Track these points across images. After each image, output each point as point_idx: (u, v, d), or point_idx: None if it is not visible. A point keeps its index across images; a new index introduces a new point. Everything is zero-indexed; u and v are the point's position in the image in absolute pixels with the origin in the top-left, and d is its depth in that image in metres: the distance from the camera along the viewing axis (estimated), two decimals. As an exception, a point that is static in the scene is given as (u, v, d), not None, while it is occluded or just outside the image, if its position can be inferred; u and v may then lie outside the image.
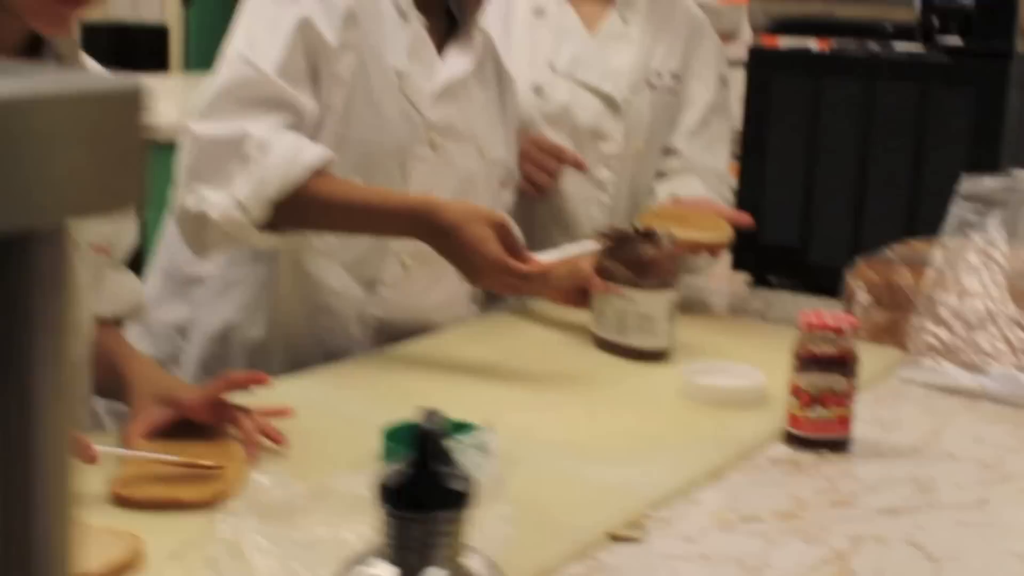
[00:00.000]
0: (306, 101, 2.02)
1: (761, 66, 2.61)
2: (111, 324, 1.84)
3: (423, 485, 0.84)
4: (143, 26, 7.96)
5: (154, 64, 6.52)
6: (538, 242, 2.59)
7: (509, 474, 1.50)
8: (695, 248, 2.28)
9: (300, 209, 1.96)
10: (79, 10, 1.50)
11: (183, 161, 1.99)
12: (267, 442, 1.58)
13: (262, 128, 1.96)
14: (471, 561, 0.86)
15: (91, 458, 1.41)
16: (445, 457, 0.85)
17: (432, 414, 0.84)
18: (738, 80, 2.68)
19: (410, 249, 2.15)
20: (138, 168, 0.53)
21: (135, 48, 6.82)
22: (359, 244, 2.16)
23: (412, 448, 0.84)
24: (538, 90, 2.57)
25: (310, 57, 2.03)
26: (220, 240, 2.00)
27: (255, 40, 2.02)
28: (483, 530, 1.14)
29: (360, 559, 0.85)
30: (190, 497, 1.42)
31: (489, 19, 2.47)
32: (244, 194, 1.93)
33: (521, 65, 2.56)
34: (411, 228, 1.96)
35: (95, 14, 1.74)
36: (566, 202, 2.57)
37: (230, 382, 1.59)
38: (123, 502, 1.43)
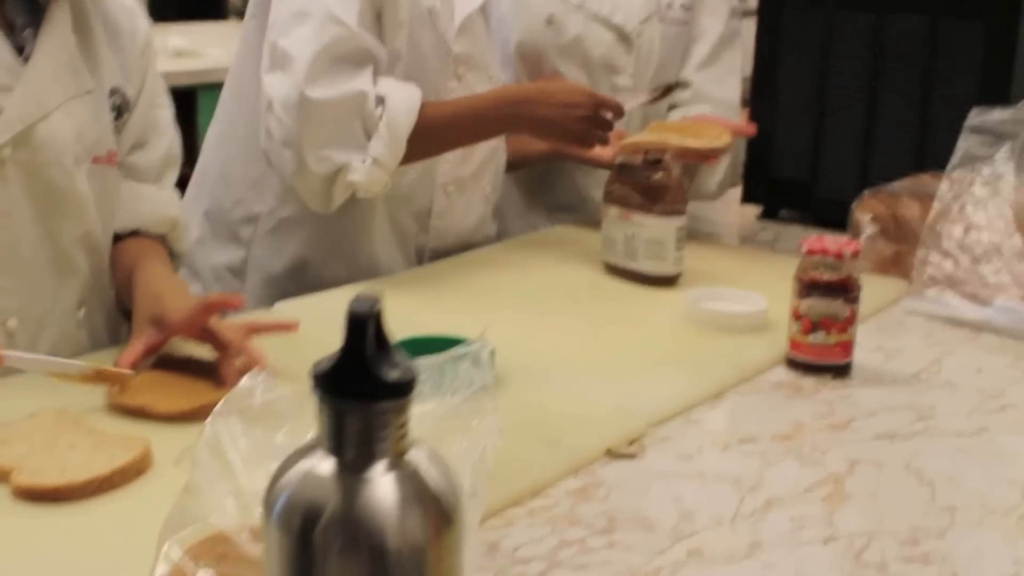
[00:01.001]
0: (381, 49, 2.07)
1: (773, 0, 2.61)
2: (152, 239, 1.87)
3: (358, 373, 0.79)
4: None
5: (212, 13, 6.75)
6: (555, 171, 2.61)
7: (506, 390, 1.53)
8: (687, 155, 2.26)
9: (424, 142, 2.06)
10: None
11: (301, 127, 1.99)
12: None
13: (368, 83, 2.01)
14: (417, 455, 0.82)
15: None
16: (383, 344, 0.80)
17: (365, 296, 0.79)
18: (751, 30, 2.68)
19: (452, 177, 2.28)
20: None
21: (195, -1, 7.01)
22: (410, 180, 2.23)
23: (347, 333, 0.79)
24: (551, 21, 2.57)
25: (375, 6, 2.07)
26: (347, 194, 2.05)
27: None
28: (472, 440, 1.16)
29: (303, 452, 0.83)
30: (163, 408, 1.47)
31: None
32: (380, 151, 2.00)
33: (533, -3, 2.57)
34: (510, 124, 2.19)
35: None
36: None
37: (209, 306, 1.59)
38: (115, 408, 1.49)
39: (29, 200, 1.62)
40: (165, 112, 1.91)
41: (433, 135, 2.08)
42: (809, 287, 1.70)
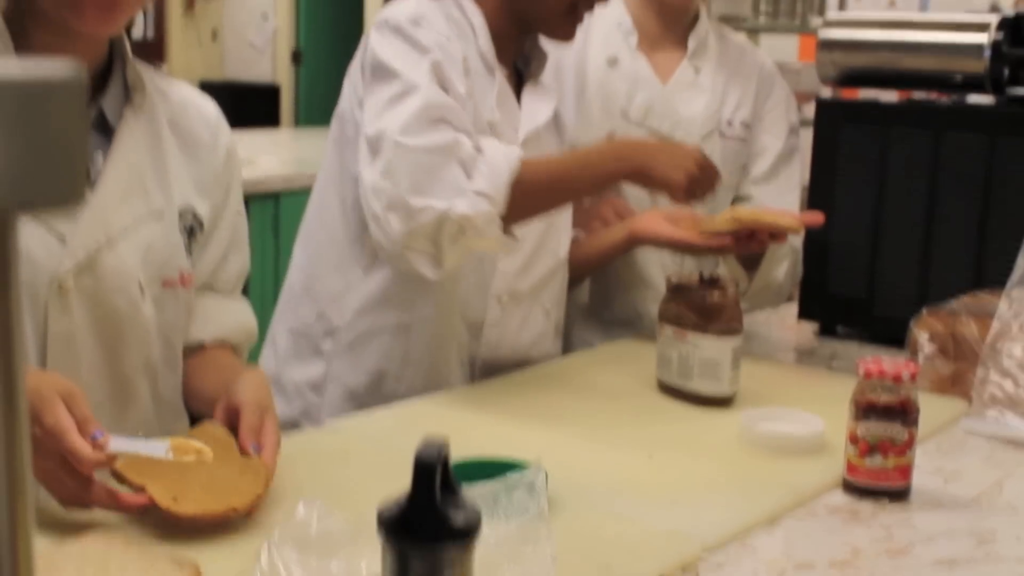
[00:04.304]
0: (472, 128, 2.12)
1: (829, 117, 2.61)
2: (226, 347, 1.88)
3: (422, 517, 0.79)
4: (256, 85, 8.10)
5: (267, 121, 6.79)
6: (612, 285, 2.62)
7: (560, 514, 1.51)
8: (761, 229, 2.27)
9: (528, 192, 2.06)
10: (124, 3, 1.55)
11: (400, 180, 2.01)
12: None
13: (464, 136, 2.04)
14: None
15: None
16: (449, 488, 0.81)
17: (432, 442, 0.80)
18: (808, 138, 2.69)
19: (506, 288, 2.29)
20: (79, 160, 0.52)
21: (249, 106, 7.07)
22: (466, 287, 2.26)
23: (415, 478, 0.80)
24: (612, 138, 2.59)
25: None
26: (458, 245, 2.03)
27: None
28: (526, 568, 1.16)
29: None
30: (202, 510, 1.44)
31: (564, 68, 2.51)
32: (482, 186, 2.01)
33: (595, 113, 2.59)
34: (616, 166, 2.16)
35: (212, 74, 1.81)
36: (638, 249, 2.58)
37: (254, 429, 1.55)
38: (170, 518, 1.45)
39: (92, 328, 1.61)
40: (245, 224, 1.92)
41: (537, 182, 2.08)
42: (866, 410, 1.69)
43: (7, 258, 0.52)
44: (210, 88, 6.74)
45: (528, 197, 2.06)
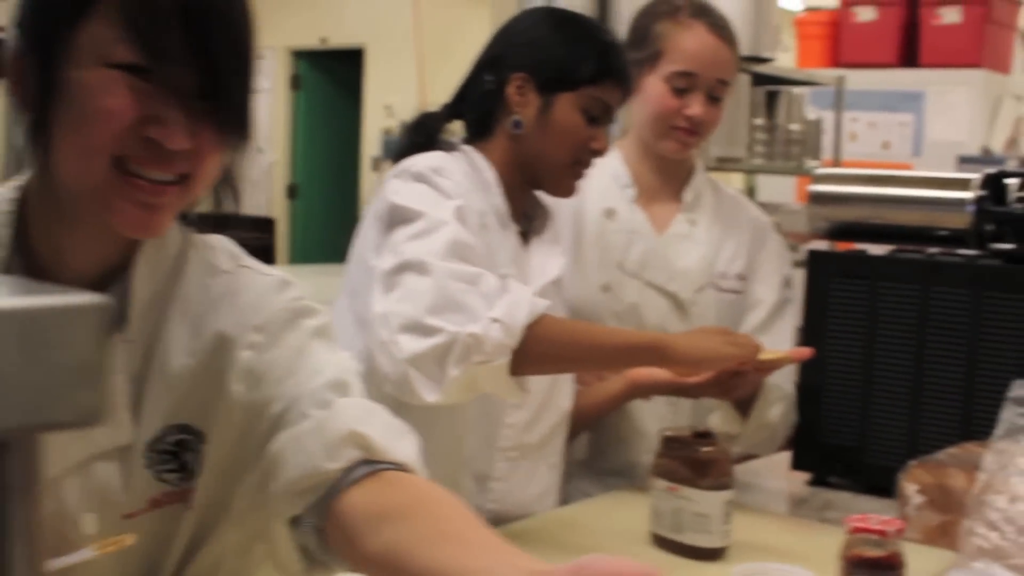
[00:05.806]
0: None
1: (820, 269, 2.66)
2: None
3: None
4: (249, 218, 8.12)
5: (260, 255, 6.79)
6: (606, 435, 2.65)
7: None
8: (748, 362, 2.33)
9: (543, 341, 2.07)
10: (166, 204, 1.36)
11: (417, 301, 2.04)
12: None
13: (492, 274, 2.10)
14: None
15: None
16: None
17: None
18: (800, 278, 2.74)
19: (515, 442, 2.33)
20: (99, 382, 0.55)
21: (241, 240, 7.08)
22: (474, 441, 2.29)
23: None
24: (607, 289, 2.64)
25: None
26: (462, 370, 2.01)
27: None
28: None
29: None
30: None
31: (559, 219, 2.57)
32: (499, 314, 2.03)
33: (591, 264, 2.64)
34: (649, 346, 2.21)
35: (202, 206, 1.62)
36: (634, 401, 2.62)
37: None
38: None
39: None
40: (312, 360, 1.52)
41: (554, 335, 2.09)
42: (855, 564, 1.72)
43: (31, 476, 0.56)
44: (202, 221, 6.83)
45: (542, 345, 2.07)
